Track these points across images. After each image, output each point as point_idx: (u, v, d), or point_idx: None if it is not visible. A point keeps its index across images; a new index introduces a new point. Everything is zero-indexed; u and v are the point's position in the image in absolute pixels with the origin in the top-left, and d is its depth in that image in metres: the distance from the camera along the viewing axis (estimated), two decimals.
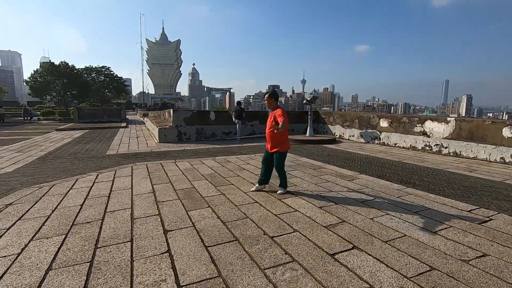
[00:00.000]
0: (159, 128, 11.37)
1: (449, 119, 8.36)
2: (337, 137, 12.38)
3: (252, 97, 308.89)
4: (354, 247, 2.77)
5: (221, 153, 8.39)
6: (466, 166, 6.76)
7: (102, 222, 3.41)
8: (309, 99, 11.69)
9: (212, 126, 11.97)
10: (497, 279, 2.28)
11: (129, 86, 70.40)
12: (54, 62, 35.31)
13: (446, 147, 8.29)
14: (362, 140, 11.20)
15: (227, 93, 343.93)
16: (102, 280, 2.25)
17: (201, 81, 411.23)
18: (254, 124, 12.61)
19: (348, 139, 11.90)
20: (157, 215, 3.61)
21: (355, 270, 2.38)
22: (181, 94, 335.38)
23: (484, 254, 2.66)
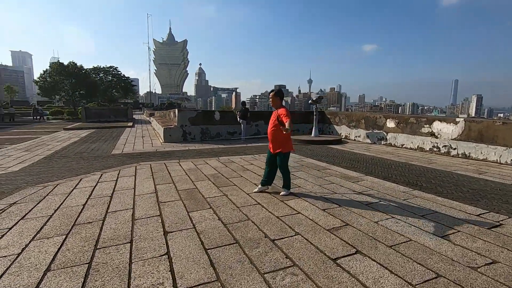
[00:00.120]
0: (164, 128, 11.41)
1: (458, 120, 8.17)
2: (343, 137, 12.24)
3: (258, 97, 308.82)
4: (357, 251, 2.69)
5: (225, 153, 8.36)
6: (475, 168, 6.59)
7: (103, 222, 3.39)
8: (314, 99, 11.58)
9: (217, 126, 11.96)
10: None
11: (136, 86, 71.04)
12: (63, 62, 35.83)
13: (454, 148, 8.11)
14: (368, 140, 11.04)
15: (233, 93, 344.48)
16: (99, 283, 2.22)
17: (208, 81, 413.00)
18: (259, 124, 12.55)
19: (354, 140, 11.75)
20: (158, 216, 3.59)
21: (358, 276, 2.31)
22: (188, 94, 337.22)
23: (494, 261, 2.55)
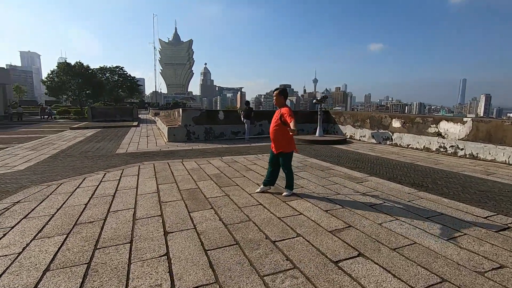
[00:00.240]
0: (168, 127, 11.44)
1: (465, 120, 8.01)
2: (348, 137, 12.12)
3: (263, 97, 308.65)
4: (360, 254, 2.63)
5: (229, 153, 8.34)
6: (483, 169, 6.44)
7: (104, 222, 3.39)
8: (319, 99, 11.48)
9: (221, 125, 11.95)
10: None
11: (142, 85, 71.57)
12: (70, 63, 36.24)
13: (462, 149, 7.95)
14: (373, 140, 10.91)
15: (238, 92, 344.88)
16: (97, 283, 2.21)
17: (213, 80, 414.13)
18: (262, 123, 12.50)
19: (359, 140, 11.63)
20: (159, 216, 3.57)
21: (360, 279, 2.25)
22: (193, 94, 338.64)
23: (502, 266, 2.47)
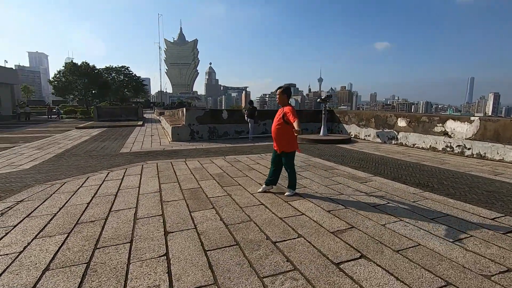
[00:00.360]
0: (172, 126, 11.47)
1: (472, 119, 7.86)
2: (353, 136, 12.01)
3: (268, 96, 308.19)
4: (362, 256, 2.58)
5: (232, 152, 8.31)
6: (491, 169, 6.31)
7: (105, 221, 3.39)
8: (323, 98, 11.39)
9: (224, 125, 11.94)
10: None
11: (147, 85, 72.05)
12: (76, 63, 36.64)
13: (469, 148, 7.81)
14: (378, 140, 10.79)
15: (243, 91, 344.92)
16: (96, 283, 2.20)
17: (218, 80, 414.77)
18: (266, 123, 12.45)
19: (364, 139, 11.51)
20: (160, 215, 3.56)
21: (361, 282, 2.20)
22: (198, 93, 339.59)
23: (509, 269, 2.39)
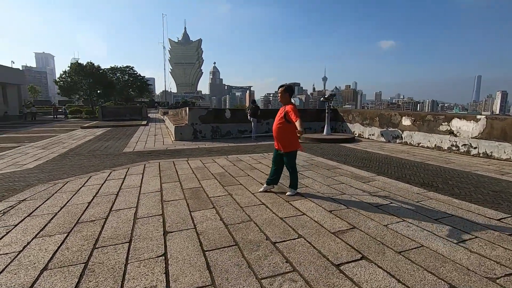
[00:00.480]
0: (175, 126, 11.49)
1: (479, 117, 7.72)
2: (356, 135, 11.90)
3: (272, 95, 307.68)
4: (363, 257, 2.53)
5: (235, 152, 8.29)
6: (497, 168, 6.19)
7: (105, 221, 3.38)
8: (326, 97, 11.30)
9: (227, 124, 11.92)
10: None
11: (151, 85, 72.45)
12: (81, 63, 36.92)
13: (475, 147, 7.67)
14: (382, 139, 10.68)
15: (247, 91, 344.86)
16: (93, 284, 2.18)
17: (222, 79, 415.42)
18: (269, 122, 12.38)
19: (368, 138, 11.40)
20: (160, 215, 3.54)
21: (362, 284, 2.15)
22: (202, 93, 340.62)
23: None
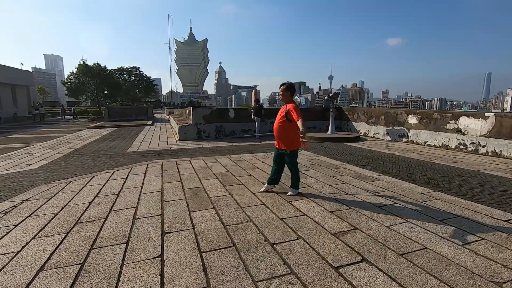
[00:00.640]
0: (179, 126, 11.51)
1: (487, 115, 7.52)
2: (362, 134, 11.75)
3: (278, 94, 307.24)
4: (364, 259, 2.46)
5: (238, 151, 8.25)
6: (506, 167, 6.01)
7: (105, 221, 3.38)
8: (331, 95, 11.17)
9: (231, 123, 11.88)
10: None
11: (158, 85, 72.96)
12: (88, 64, 37.40)
13: (483, 146, 7.48)
14: (388, 138, 10.51)
15: (253, 90, 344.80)
16: (87, 285, 2.16)
17: (228, 79, 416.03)
18: (273, 121, 12.28)
19: (373, 137, 11.24)
20: (160, 215, 3.52)
21: None
22: (208, 93, 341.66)
23: None
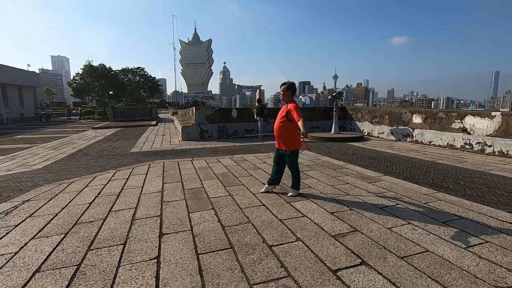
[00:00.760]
0: (182, 126, 11.53)
1: (493, 114, 7.37)
2: (365, 134, 11.64)
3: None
4: (363, 262, 2.40)
5: (240, 151, 8.22)
6: None
7: (104, 222, 3.37)
8: (334, 95, 11.09)
9: (234, 123, 11.87)
10: None
11: (162, 85, 73.34)
12: (93, 65, 37.76)
13: (490, 146, 7.34)
14: (392, 137, 10.39)
15: (257, 90, 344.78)
16: (82, 287, 2.15)
17: (232, 79, 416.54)
18: None
19: (377, 137, 11.12)
20: (158, 216, 3.51)
21: None
22: (213, 93, 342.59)
23: None
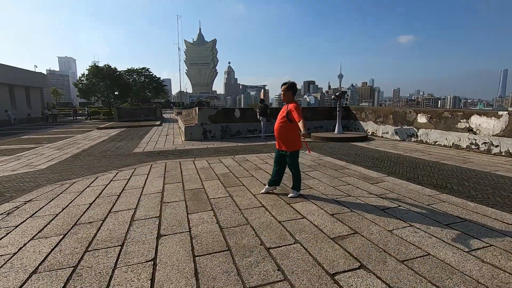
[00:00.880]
0: (185, 126, 11.55)
1: (500, 113, 7.22)
2: (369, 134, 11.52)
3: None
4: (361, 266, 2.35)
5: (242, 152, 8.20)
6: None
7: (103, 223, 3.37)
8: (337, 94, 10.99)
9: (237, 123, 11.85)
10: None
11: (167, 86, 73.66)
12: (99, 65, 38.03)
13: (496, 146, 7.19)
14: (397, 137, 10.26)
15: (262, 90, 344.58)
16: None
17: (237, 79, 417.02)
18: None
19: (381, 137, 11.00)
20: (157, 217, 3.50)
21: None
22: (217, 93, 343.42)
23: None
